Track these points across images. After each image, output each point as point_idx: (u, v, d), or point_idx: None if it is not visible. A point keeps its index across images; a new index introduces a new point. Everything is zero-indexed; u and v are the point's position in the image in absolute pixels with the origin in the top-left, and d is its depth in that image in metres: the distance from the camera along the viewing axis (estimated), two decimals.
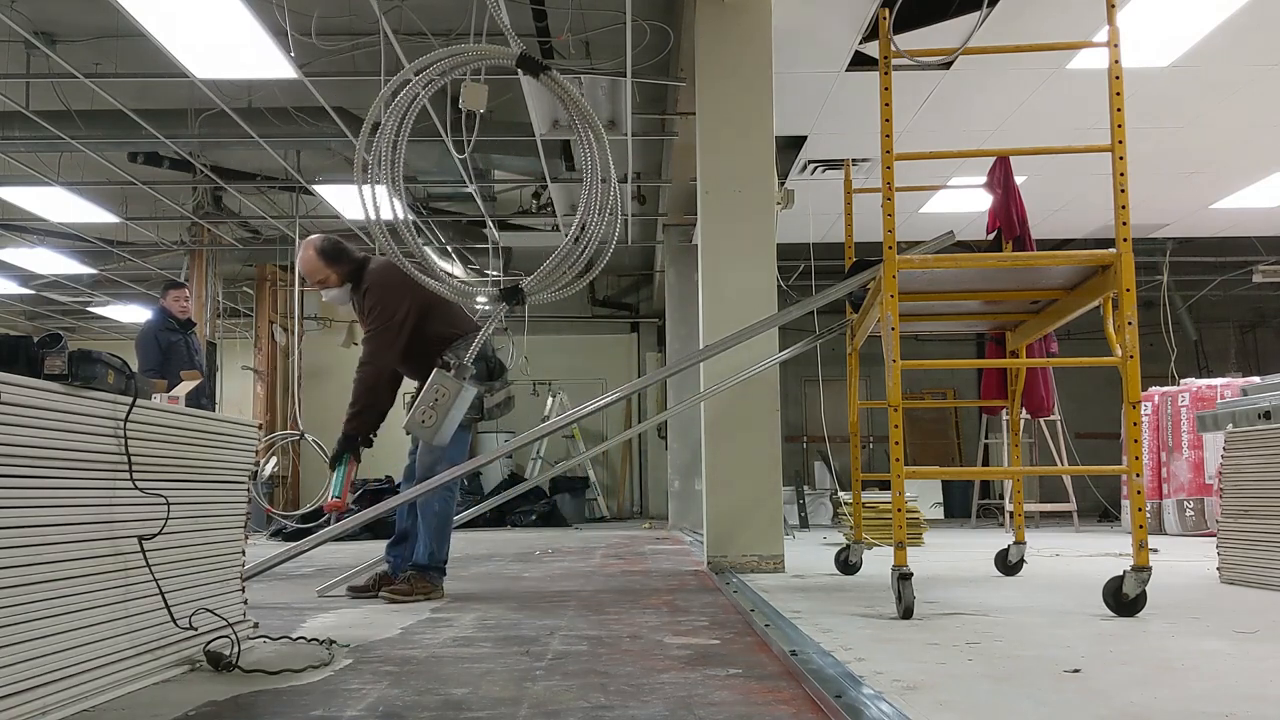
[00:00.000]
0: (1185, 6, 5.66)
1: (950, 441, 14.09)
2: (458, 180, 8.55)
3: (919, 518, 7.03)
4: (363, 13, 5.66)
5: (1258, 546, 4.02)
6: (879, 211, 3.53)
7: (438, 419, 3.47)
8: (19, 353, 2.04)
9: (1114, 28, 3.44)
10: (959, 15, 5.55)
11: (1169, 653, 2.60)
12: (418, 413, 3.48)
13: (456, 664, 2.51)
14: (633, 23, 5.62)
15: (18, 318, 14.71)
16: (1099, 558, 5.70)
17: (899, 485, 3.34)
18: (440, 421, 3.49)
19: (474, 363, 3.91)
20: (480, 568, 5.47)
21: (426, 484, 4.02)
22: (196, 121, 7.21)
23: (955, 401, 13.53)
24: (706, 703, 2.04)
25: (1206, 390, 8.23)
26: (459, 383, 3.50)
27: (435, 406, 3.47)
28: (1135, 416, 3.36)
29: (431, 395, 3.49)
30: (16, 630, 1.89)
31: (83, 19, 6.30)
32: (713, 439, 5.08)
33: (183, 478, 2.58)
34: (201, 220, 10.11)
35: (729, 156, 5.19)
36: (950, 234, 4.68)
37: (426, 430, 3.50)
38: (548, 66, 3.41)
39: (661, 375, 5.40)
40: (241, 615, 2.87)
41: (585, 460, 12.16)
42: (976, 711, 1.97)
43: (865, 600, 3.71)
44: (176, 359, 6.36)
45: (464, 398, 3.50)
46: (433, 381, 3.48)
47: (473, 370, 3.68)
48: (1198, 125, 7.46)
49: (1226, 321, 14.10)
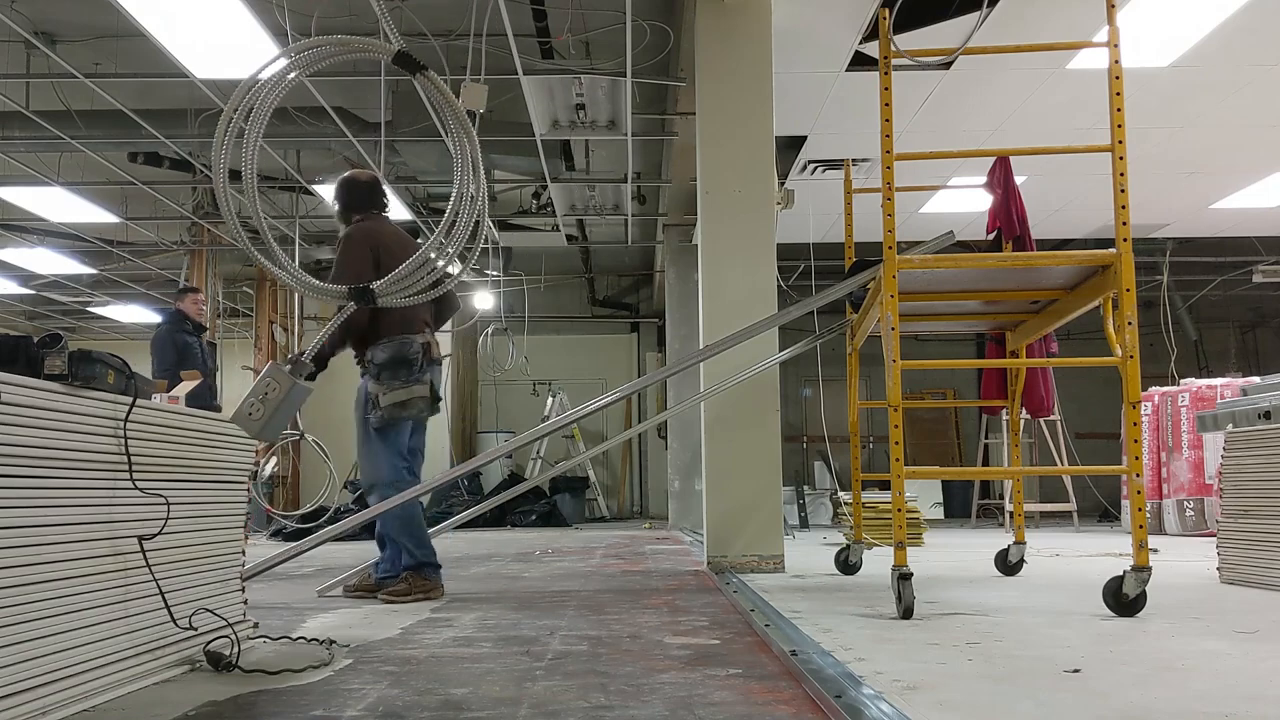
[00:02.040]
0: (1185, 6, 5.66)
1: (950, 441, 14.09)
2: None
3: (919, 518, 7.03)
4: (363, 13, 5.66)
5: (1258, 546, 4.02)
6: (879, 211, 3.53)
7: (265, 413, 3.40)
8: (19, 353, 2.04)
9: (1114, 28, 3.44)
10: (959, 15, 5.55)
11: (1169, 653, 2.60)
12: (245, 405, 3.41)
13: (456, 664, 2.51)
14: (633, 23, 5.62)
15: (18, 318, 14.71)
16: (1099, 558, 5.70)
17: (899, 485, 3.34)
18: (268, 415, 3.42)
19: (399, 363, 3.94)
20: (480, 568, 5.47)
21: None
22: (196, 121, 7.21)
23: (955, 401, 13.53)
24: (706, 703, 2.04)
25: (1206, 390, 8.23)
26: (291, 379, 3.43)
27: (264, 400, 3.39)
28: (1135, 416, 3.36)
29: (262, 389, 3.42)
30: (16, 630, 1.89)
31: (83, 19, 6.30)
32: (713, 439, 5.08)
33: (183, 478, 2.58)
34: (201, 220, 10.11)
35: (729, 156, 5.19)
36: (950, 234, 4.68)
37: (253, 424, 3.42)
38: (424, 66, 3.38)
39: (661, 375, 5.40)
40: (241, 615, 2.87)
41: (585, 460, 12.16)
42: (976, 711, 1.97)
43: (865, 600, 3.71)
44: (191, 360, 6.48)
45: (295, 395, 3.43)
46: (266, 374, 3.41)
47: (311, 368, 3.61)
48: (1198, 125, 7.46)
49: (1226, 321, 14.10)
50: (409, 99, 7.07)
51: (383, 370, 4.05)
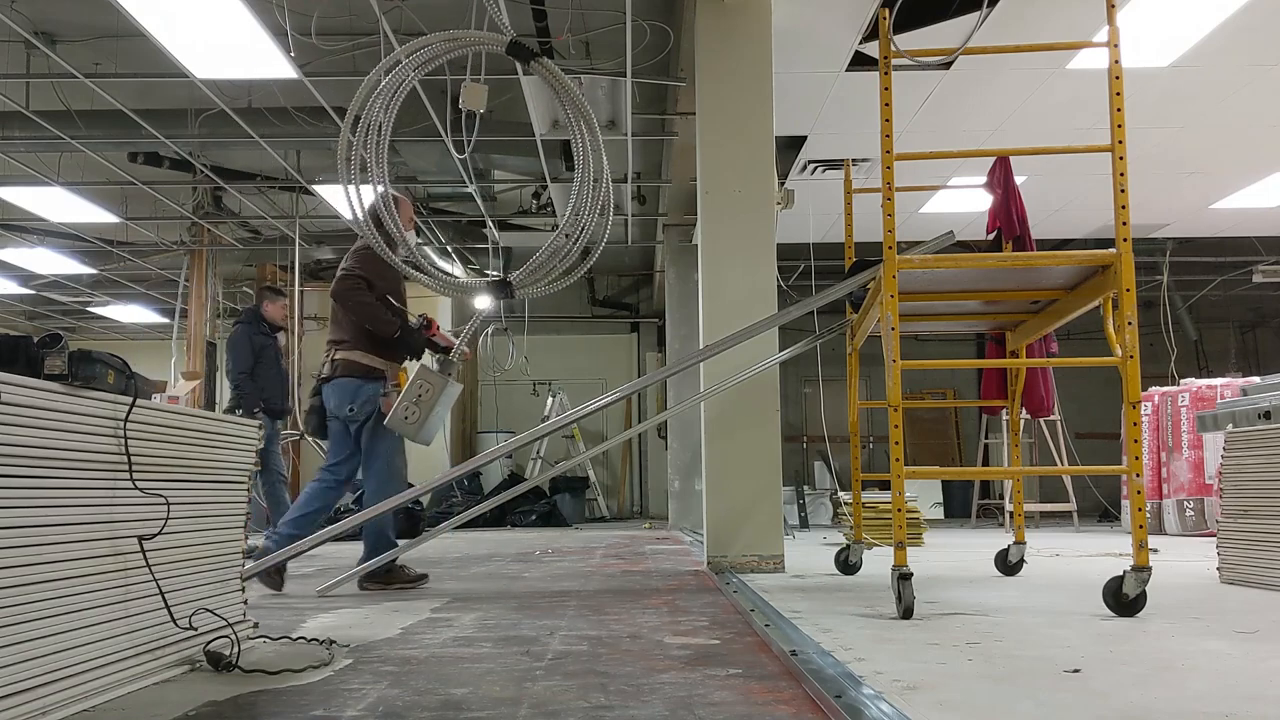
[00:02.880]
0: (1185, 6, 5.66)
1: (950, 441, 14.09)
2: (458, 180, 8.56)
3: (919, 518, 7.03)
4: (363, 13, 5.66)
5: (1258, 546, 4.02)
6: (879, 211, 3.53)
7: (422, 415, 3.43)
8: (19, 353, 2.04)
9: (1114, 28, 3.44)
10: (959, 15, 5.55)
11: (1169, 653, 2.60)
12: (400, 408, 3.43)
13: (456, 664, 2.51)
14: (633, 23, 5.62)
15: (18, 318, 14.71)
16: (1099, 558, 5.70)
17: (899, 485, 3.34)
18: (425, 417, 3.45)
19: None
20: (480, 568, 5.47)
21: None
22: (196, 121, 7.21)
23: (955, 401, 13.53)
24: (706, 703, 2.04)
25: (1206, 390, 8.23)
26: (444, 379, 3.46)
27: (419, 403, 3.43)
28: (1135, 416, 3.36)
29: (415, 391, 3.44)
30: (16, 630, 1.89)
31: (83, 19, 6.30)
32: (713, 439, 5.08)
33: (183, 478, 2.58)
34: (201, 220, 10.11)
35: (729, 156, 5.19)
36: (950, 234, 4.68)
37: (410, 427, 3.46)
38: (538, 54, 3.39)
39: (661, 375, 5.39)
40: (241, 615, 2.87)
41: (585, 460, 12.16)
42: (976, 711, 1.97)
43: (865, 600, 3.71)
44: (266, 361, 6.70)
45: (449, 394, 3.46)
46: (417, 377, 3.44)
47: (459, 366, 3.67)
48: (1198, 125, 7.46)
49: (1226, 321, 14.10)
50: (409, 99, 7.06)
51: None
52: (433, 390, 3.43)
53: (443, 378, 3.46)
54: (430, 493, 9.45)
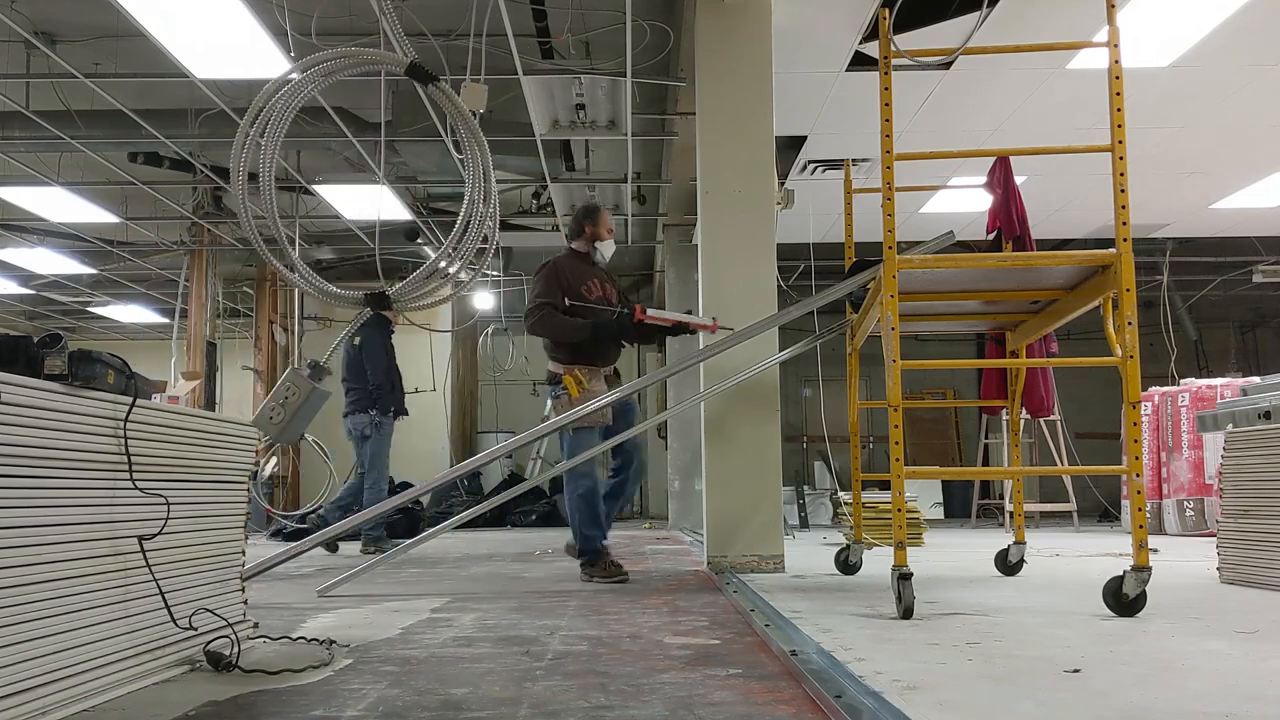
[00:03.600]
0: (1185, 6, 5.66)
1: (950, 441, 14.09)
2: (458, 180, 8.55)
3: (919, 518, 7.03)
4: (363, 13, 5.66)
5: (1258, 546, 4.02)
6: (879, 211, 3.53)
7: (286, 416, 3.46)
8: (19, 353, 2.04)
9: (1114, 28, 3.44)
10: (959, 15, 5.55)
11: (1169, 653, 2.60)
12: (266, 407, 3.46)
13: (456, 664, 2.51)
14: (633, 23, 5.62)
15: (18, 318, 14.71)
16: (1099, 558, 5.70)
17: (899, 485, 3.34)
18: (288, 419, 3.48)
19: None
20: (480, 568, 5.47)
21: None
22: (196, 121, 7.20)
23: (955, 401, 13.52)
24: (706, 703, 2.04)
25: (1206, 390, 8.23)
26: (310, 384, 3.48)
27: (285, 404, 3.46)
28: (1135, 416, 3.36)
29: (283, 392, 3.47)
30: (16, 630, 1.89)
31: (83, 19, 6.30)
32: (713, 439, 5.08)
33: (183, 478, 2.58)
34: (201, 220, 10.11)
35: (729, 156, 5.19)
36: (950, 234, 4.68)
37: (273, 427, 3.48)
38: (436, 78, 3.43)
39: (661, 375, 5.40)
40: (241, 615, 2.87)
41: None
42: (976, 711, 1.97)
43: (865, 600, 3.71)
44: (394, 363, 7.09)
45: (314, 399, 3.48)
46: (285, 379, 3.46)
47: (329, 371, 3.68)
48: (1198, 125, 7.46)
49: (1226, 321, 14.10)
50: (409, 99, 7.07)
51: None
52: (298, 393, 3.46)
53: (309, 383, 3.49)
54: (430, 493, 9.46)
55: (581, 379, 4.62)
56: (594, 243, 4.84)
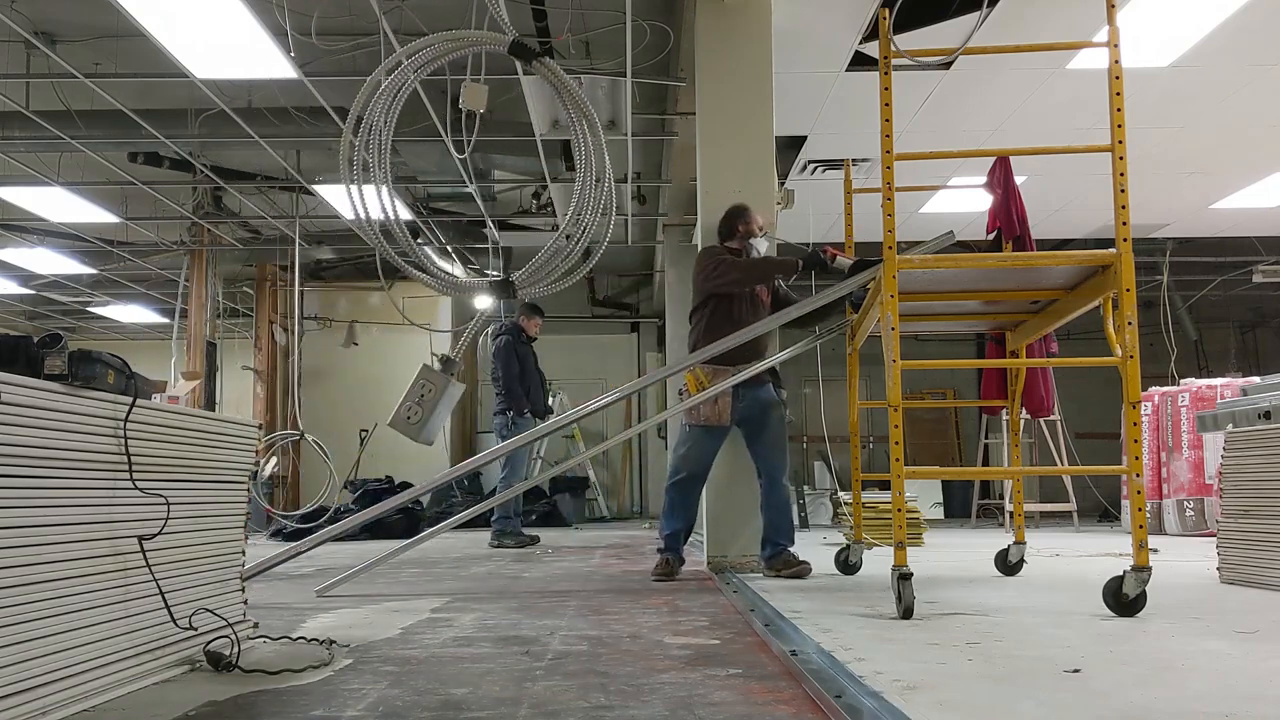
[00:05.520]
0: (1185, 6, 5.66)
1: (950, 441, 14.09)
2: (458, 180, 8.55)
3: (919, 518, 7.02)
4: (363, 13, 5.66)
5: (1258, 546, 4.02)
6: (879, 211, 3.53)
7: (424, 415, 3.43)
8: (19, 353, 2.04)
9: (1114, 28, 3.44)
10: (959, 15, 5.55)
11: (1169, 653, 2.60)
12: (403, 408, 3.43)
13: (456, 664, 2.51)
14: (633, 23, 5.62)
15: (18, 318, 14.71)
16: (1099, 558, 5.70)
17: (899, 485, 3.33)
18: (427, 417, 3.45)
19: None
20: (480, 567, 5.47)
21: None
22: (196, 121, 7.20)
23: (955, 401, 13.52)
24: (706, 703, 2.04)
25: (1206, 390, 8.22)
26: (446, 378, 3.46)
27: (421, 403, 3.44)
28: (1135, 416, 3.36)
29: (418, 391, 3.45)
30: (16, 630, 1.89)
31: (83, 19, 6.30)
32: None
33: (183, 478, 2.58)
34: (201, 220, 10.10)
35: (729, 156, 5.19)
36: (950, 234, 4.67)
37: (412, 427, 3.46)
38: (540, 53, 3.39)
39: (661, 375, 5.39)
40: (241, 615, 2.87)
41: (585, 460, 12.16)
42: (976, 711, 1.97)
43: (865, 600, 3.71)
44: (528, 368, 7.48)
45: (451, 394, 3.46)
46: (419, 377, 3.44)
47: (461, 366, 3.69)
48: (1198, 125, 7.46)
49: (1226, 321, 14.09)
50: (409, 99, 7.06)
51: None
52: (435, 390, 3.43)
53: (445, 378, 3.46)
54: (430, 493, 9.45)
55: (703, 378, 4.63)
56: (748, 240, 4.81)
